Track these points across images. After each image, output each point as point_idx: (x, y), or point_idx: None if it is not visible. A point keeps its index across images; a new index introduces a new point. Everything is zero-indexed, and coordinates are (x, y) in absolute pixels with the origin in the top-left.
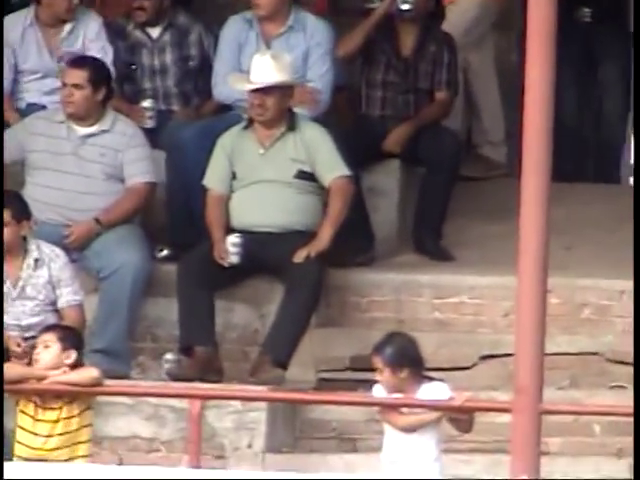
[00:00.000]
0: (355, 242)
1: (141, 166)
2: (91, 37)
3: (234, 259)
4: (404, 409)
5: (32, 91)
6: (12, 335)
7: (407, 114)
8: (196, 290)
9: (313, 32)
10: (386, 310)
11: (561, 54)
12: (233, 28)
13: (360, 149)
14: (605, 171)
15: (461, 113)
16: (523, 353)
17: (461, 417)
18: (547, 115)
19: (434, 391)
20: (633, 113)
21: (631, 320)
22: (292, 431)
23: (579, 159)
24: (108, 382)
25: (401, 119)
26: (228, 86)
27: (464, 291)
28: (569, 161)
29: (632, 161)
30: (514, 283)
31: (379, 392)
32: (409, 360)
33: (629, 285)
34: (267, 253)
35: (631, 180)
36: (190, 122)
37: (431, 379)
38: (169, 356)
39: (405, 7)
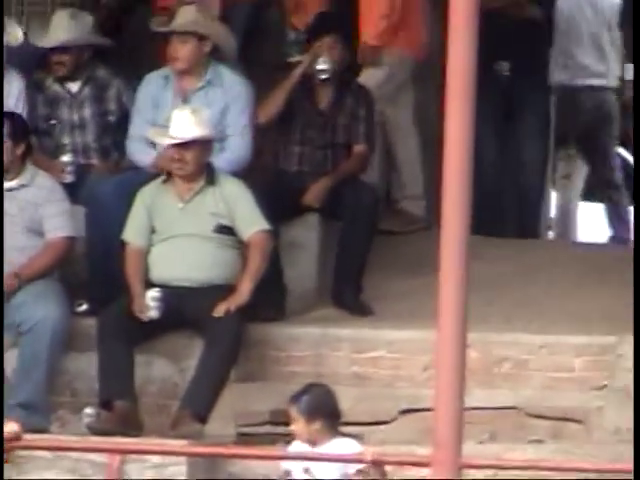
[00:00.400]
0: (268, 296)
1: (60, 220)
2: (12, 93)
3: (154, 313)
4: None
5: None
6: None
7: (325, 169)
8: (115, 344)
9: (231, 87)
10: (305, 364)
11: (481, 106)
12: (150, 86)
13: (279, 204)
14: (524, 225)
15: (380, 167)
16: (442, 407)
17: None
18: (467, 169)
19: (344, 446)
20: (633, 118)
21: (551, 374)
22: None
23: (499, 213)
24: (27, 436)
25: (320, 174)
26: (140, 147)
27: (383, 345)
28: (489, 215)
29: (552, 214)
30: (433, 337)
31: (297, 446)
32: (323, 412)
33: (548, 339)
34: (187, 307)
35: (550, 234)
36: (109, 176)
37: (344, 434)
38: (89, 410)
39: (323, 67)
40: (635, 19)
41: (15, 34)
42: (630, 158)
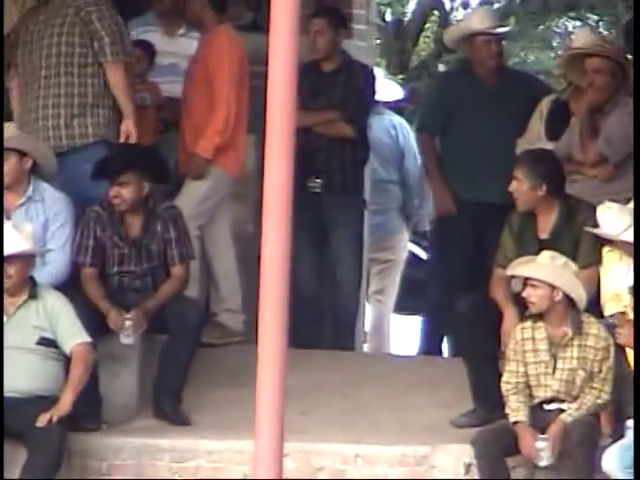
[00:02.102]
0: (85, 407)
1: None
2: None
3: None
4: None
5: None
6: None
7: (147, 294)
8: None
9: (52, 203)
10: (127, 474)
11: (296, 222)
12: None
13: (100, 317)
14: (340, 338)
15: (199, 281)
16: None
17: None
18: (283, 284)
19: None
20: (633, 137)
21: None
22: None
23: (315, 326)
24: None
25: (142, 298)
26: None
27: (202, 455)
28: (306, 328)
29: (366, 328)
30: (252, 447)
31: None
32: None
33: (363, 449)
34: (10, 418)
35: (365, 347)
36: None
37: None
38: None
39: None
40: (635, 19)
41: None
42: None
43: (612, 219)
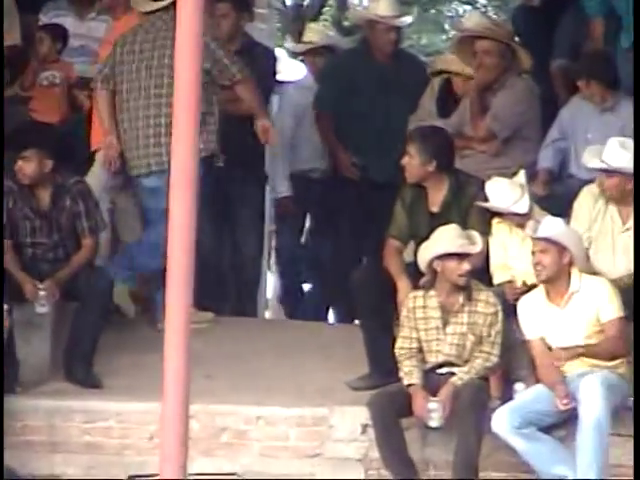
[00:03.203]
0: (3, 370)
1: None
2: None
3: None
4: None
5: None
6: None
7: (60, 265)
8: None
9: None
10: (40, 434)
11: (200, 195)
12: None
13: (16, 285)
14: (243, 305)
15: (110, 251)
16: (166, 474)
17: None
18: (189, 254)
19: None
20: (633, 119)
21: (268, 444)
22: None
23: (219, 294)
24: None
25: (55, 270)
26: None
27: (112, 416)
28: (210, 295)
29: (268, 295)
30: (159, 409)
31: None
32: None
33: (264, 411)
34: None
35: (267, 314)
36: None
37: None
38: None
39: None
40: (635, 21)
41: None
42: None
43: (502, 192)
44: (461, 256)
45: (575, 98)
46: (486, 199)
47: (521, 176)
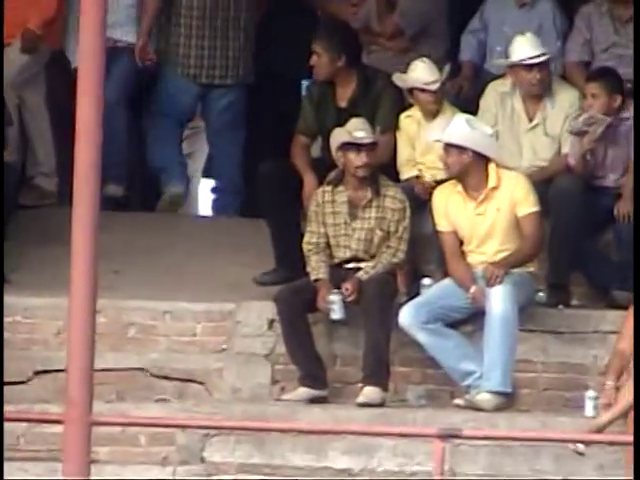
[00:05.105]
0: None
1: None
2: None
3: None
4: None
5: None
6: None
7: None
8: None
9: None
10: None
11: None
12: None
13: None
14: (149, 199)
15: (17, 146)
16: (74, 369)
17: None
18: (96, 148)
19: None
20: (633, 120)
21: (175, 339)
22: None
23: (125, 189)
24: None
25: None
26: None
27: (19, 311)
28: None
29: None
30: (66, 304)
31: None
32: None
33: (171, 306)
34: None
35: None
36: None
37: None
38: None
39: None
40: (635, 20)
41: None
42: None
43: (424, 71)
44: (359, 147)
45: None
46: (397, 92)
47: (446, 69)
